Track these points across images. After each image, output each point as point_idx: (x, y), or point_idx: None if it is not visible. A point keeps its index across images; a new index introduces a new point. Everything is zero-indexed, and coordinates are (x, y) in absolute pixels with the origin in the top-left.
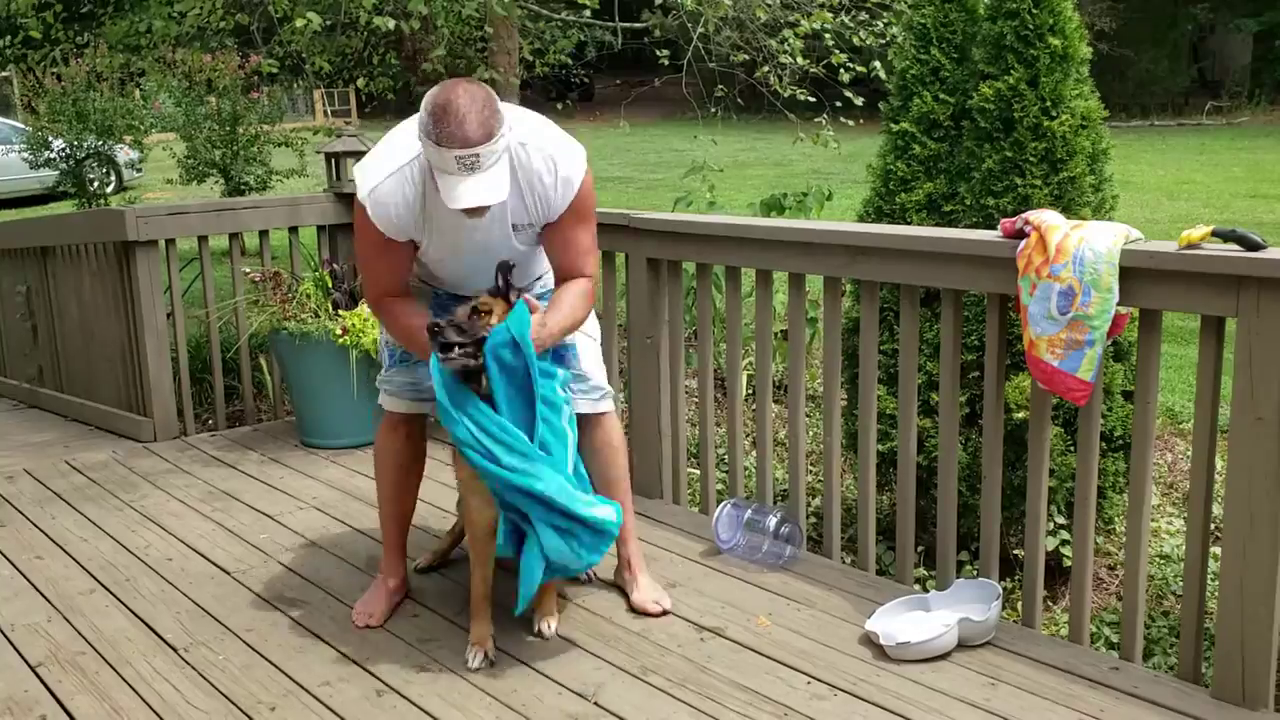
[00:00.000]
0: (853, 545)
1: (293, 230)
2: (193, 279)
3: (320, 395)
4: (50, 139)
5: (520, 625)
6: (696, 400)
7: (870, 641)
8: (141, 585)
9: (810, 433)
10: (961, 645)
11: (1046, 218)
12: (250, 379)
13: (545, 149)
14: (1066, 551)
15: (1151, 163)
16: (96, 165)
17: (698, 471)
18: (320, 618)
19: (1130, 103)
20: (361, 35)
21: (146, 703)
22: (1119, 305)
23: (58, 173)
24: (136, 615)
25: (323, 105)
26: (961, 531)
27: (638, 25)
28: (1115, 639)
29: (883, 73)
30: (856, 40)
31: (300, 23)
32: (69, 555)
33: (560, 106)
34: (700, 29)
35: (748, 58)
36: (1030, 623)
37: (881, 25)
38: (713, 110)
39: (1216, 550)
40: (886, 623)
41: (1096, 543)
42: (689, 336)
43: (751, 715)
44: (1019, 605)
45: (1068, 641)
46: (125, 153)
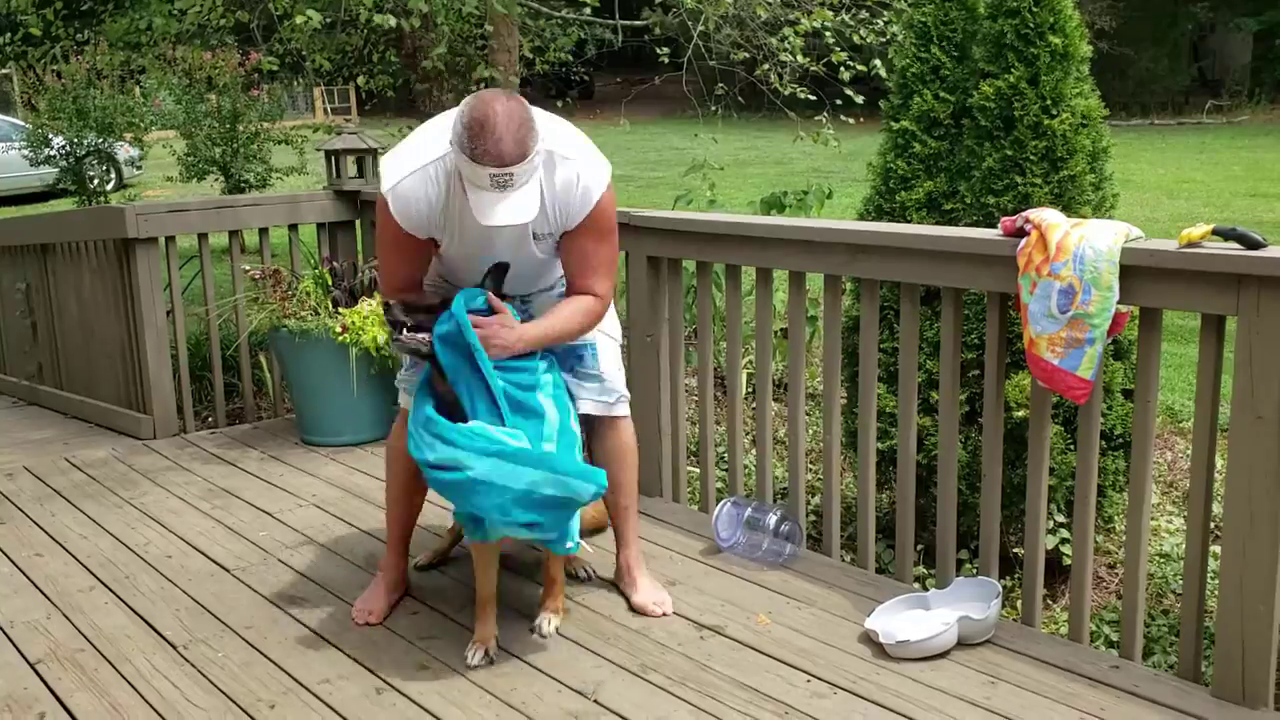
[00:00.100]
0: (852, 543)
1: (292, 228)
2: (193, 276)
3: (320, 393)
4: (50, 136)
5: (520, 623)
6: (696, 398)
7: (870, 640)
8: (141, 582)
9: (810, 431)
10: (961, 644)
11: (1047, 216)
12: (250, 376)
13: (571, 159)
14: (1066, 550)
15: (1151, 161)
16: (97, 163)
17: (697, 470)
18: (320, 615)
19: (1130, 101)
20: (361, 33)
21: (146, 700)
22: (1119, 303)
23: (58, 170)
24: (136, 612)
25: (323, 103)
26: (961, 530)
27: (638, 23)
28: (1115, 637)
29: (883, 71)
30: (857, 38)
31: (300, 20)
32: (68, 552)
33: (560, 104)
34: (701, 27)
35: (748, 56)
36: (1030, 621)
37: (882, 23)
38: (713, 108)
39: (1216, 549)
40: (886, 621)
41: (1096, 541)
42: (689, 335)
43: (751, 713)
44: (1019, 604)
45: (1067, 640)
46: (125, 150)
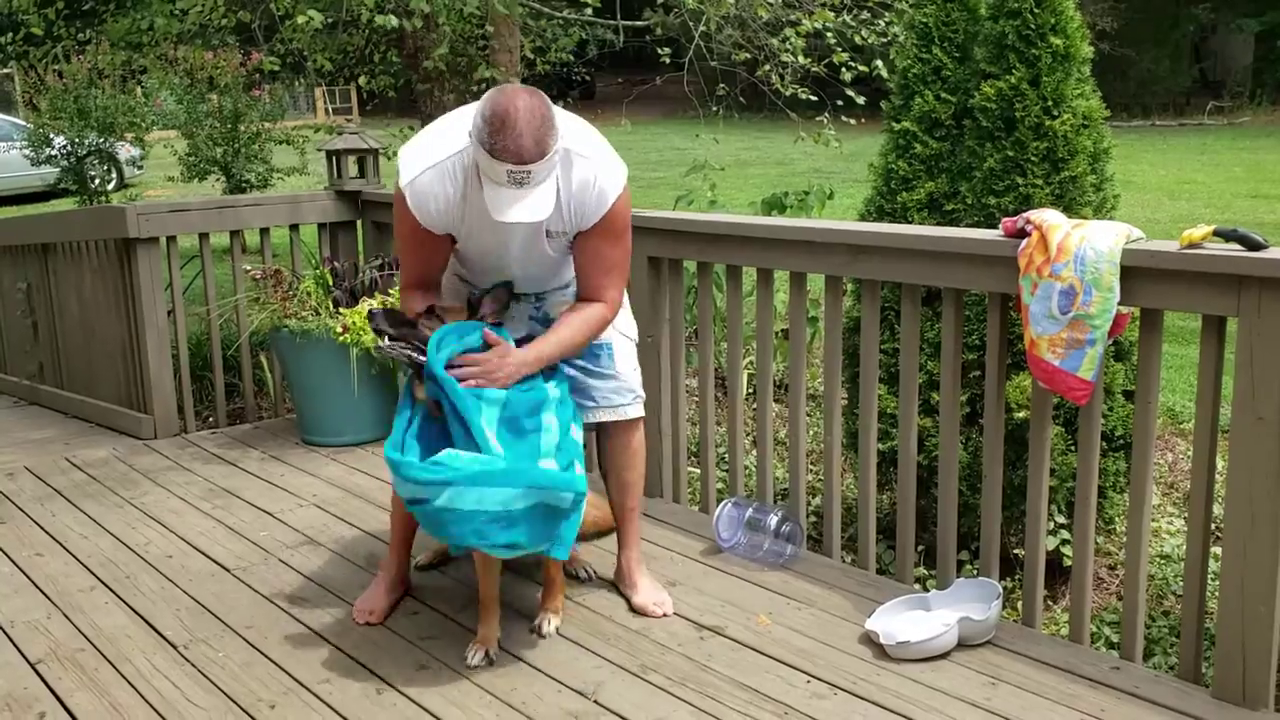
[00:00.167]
0: (853, 544)
1: (294, 228)
2: (194, 276)
3: (321, 393)
4: (52, 136)
5: (520, 623)
6: (697, 399)
7: (870, 640)
8: (141, 582)
9: (811, 432)
10: (961, 644)
11: (1048, 217)
12: (251, 376)
13: (587, 158)
14: (1067, 551)
15: (1153, 163)
16: (98, 162)
17: (698, 470)
18: (320, 615)
19: (1132, 103)
20: (363, 33)
21: (146, 700)
22: (1120, 305)
23: (59, 170)
24: (136, 612)
25: (324, 103)
26: (962, 531)
27: (639, 23)
28: (1116, 639)
29: (884, 72)
30: (858, 39)
31: (302, 20)
32: (69, 552)
33: (562, 105)
34: (702, 27)
35: (749, 56)
36: (1030, 622)
37: (883, 24)
38: (714, 109)
39: (1217, 550)
40: (886, 622)
41: (1097, 542)
42: (690, 335)
43: (751, 714)
44: (1019, 605)
45: (1068, 641)
46: (127, 150)
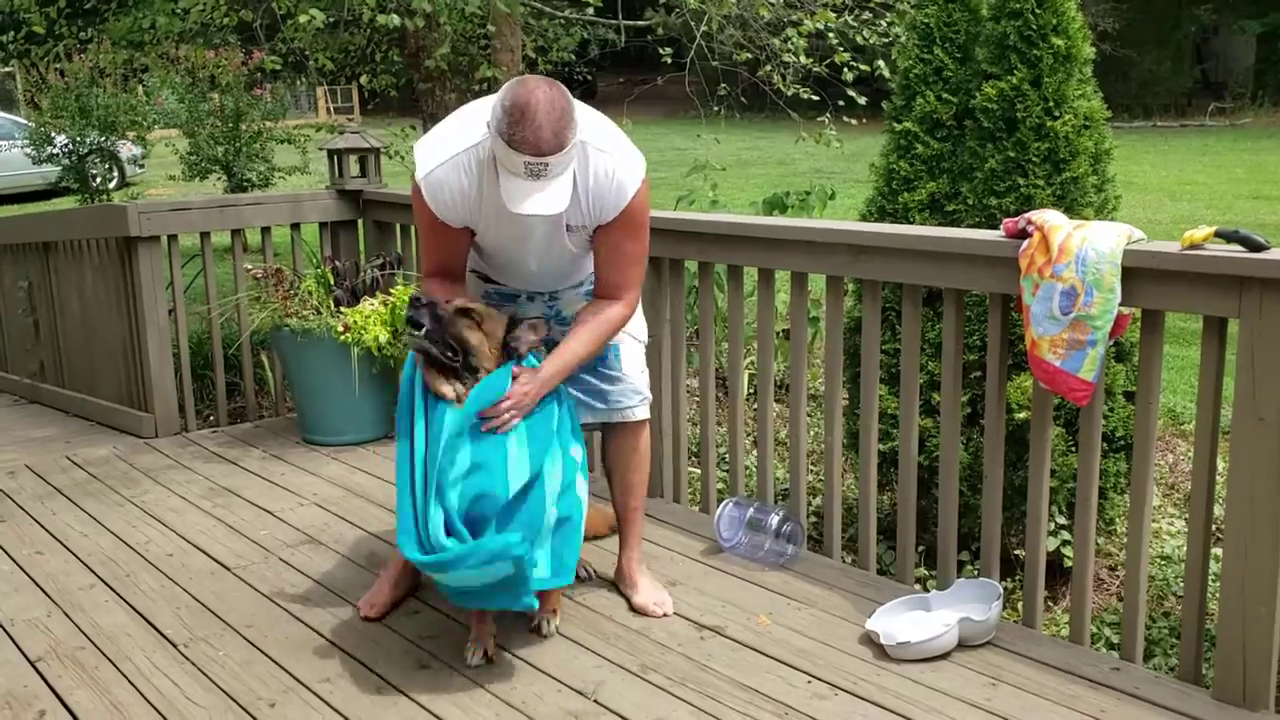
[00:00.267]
0: (853, 544)
1: (295, 227)
2: (195, 275)
3: (322, 392)
4: (53, 134)
5: (520, 623)
6: (698, 399)
7: (871, 641)
8: (142, 581)
9: (811, 432)
10: (962, 645)
11: (1049, 218)
12: (252, 375)
13: (606, 151)
14: (1067, 552)
15: (1154, 164)
16: (99, 161)
17: (699, 470)
18: (321, 614)
19: (1133, 104)
20: (364, 32)
21: (146, 698)
22: (1121, 305)
23: (60, 168)
24: (136, 611)
25: (325, 102)
26: (962, 531)
27: (641, 23)
28: (1116, 640)
29: (886, 72)
30: (860, 39)
31: (303, 19)
32: (69, 550)
33: None
34: (703, 27)
35: (751, 56)
36: (1031, 623)
37: (885, 24)
38: (716, 109)
39: (1218, 551)
40: (887, 622)
41: (1097, 543)
42: (691, 335)
43: (752, 714)
44: (1020, 605)
45: (1068, 642)
46: (128, 149)
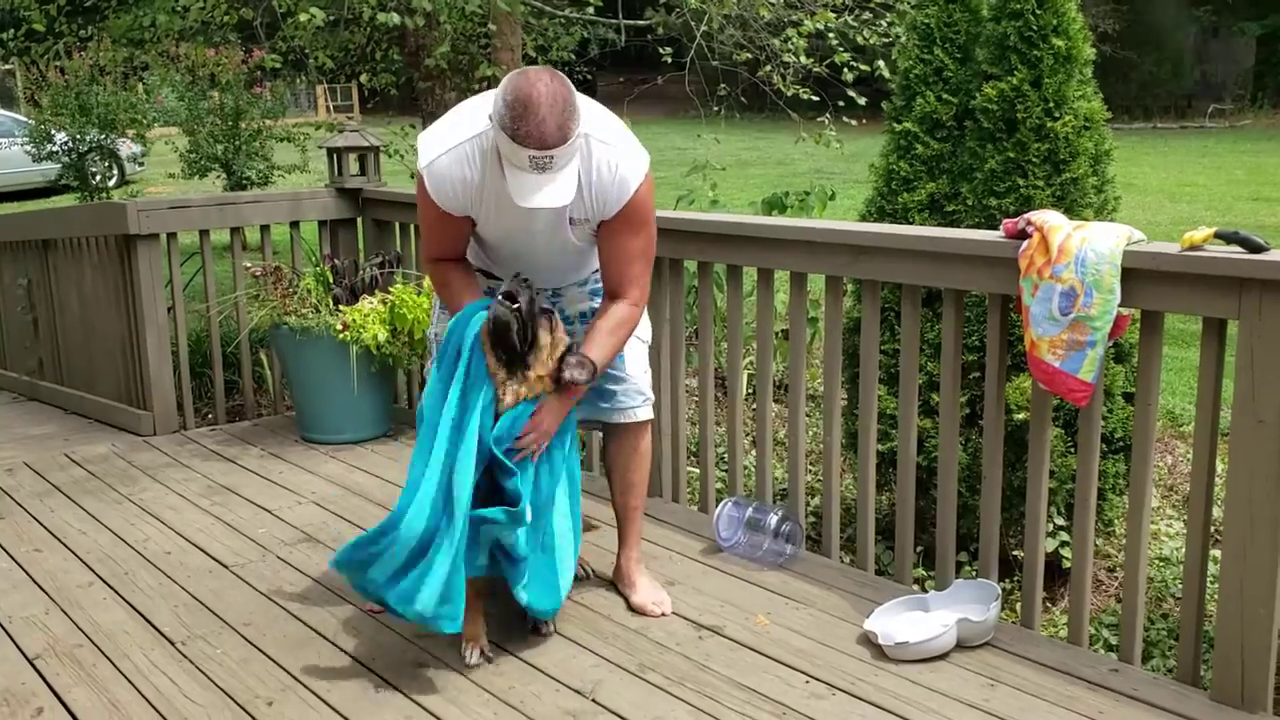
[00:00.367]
0: (852, 545)
1: (294, 225)
2: (194, 273)
3: (320, 390)
4: (53, 132)
5: (518, 622)
6: (697, 399)
7: (869, 641)
8: (140, 579)
9: (810, 432)
10: (960, 646)
11: (1049, 218)
12: (250, 373)
13: (609, 144)
14: (1066, 553)
15: (1154, 165)
16: (99, 159)
17: (697, 470)
18: (318, 612)
19: (1133, 105)
20: (365, 31)
21: (144, 696)
22: (1121, 306)
23: (60, 166)
24: (134, 608)
25: (325, 100)
26: (961, 532)
27: (641, 23)
28: (1114, 641)
29: (886, 72)
30: (860, 39)
31: (303, 17)
32: (68, 548)
33: None
34: (704, 27)
35: (751, 56)
36: (1029, 624)
37: (885, 25)
38: (716, 109)
39: (1216, 553)
40: (885, 622)
41: (1096, 544)
42: (690, 335)
43: (750, 714)
44: (1018, 606)
45: (1067, 643)
46: (128, 146)
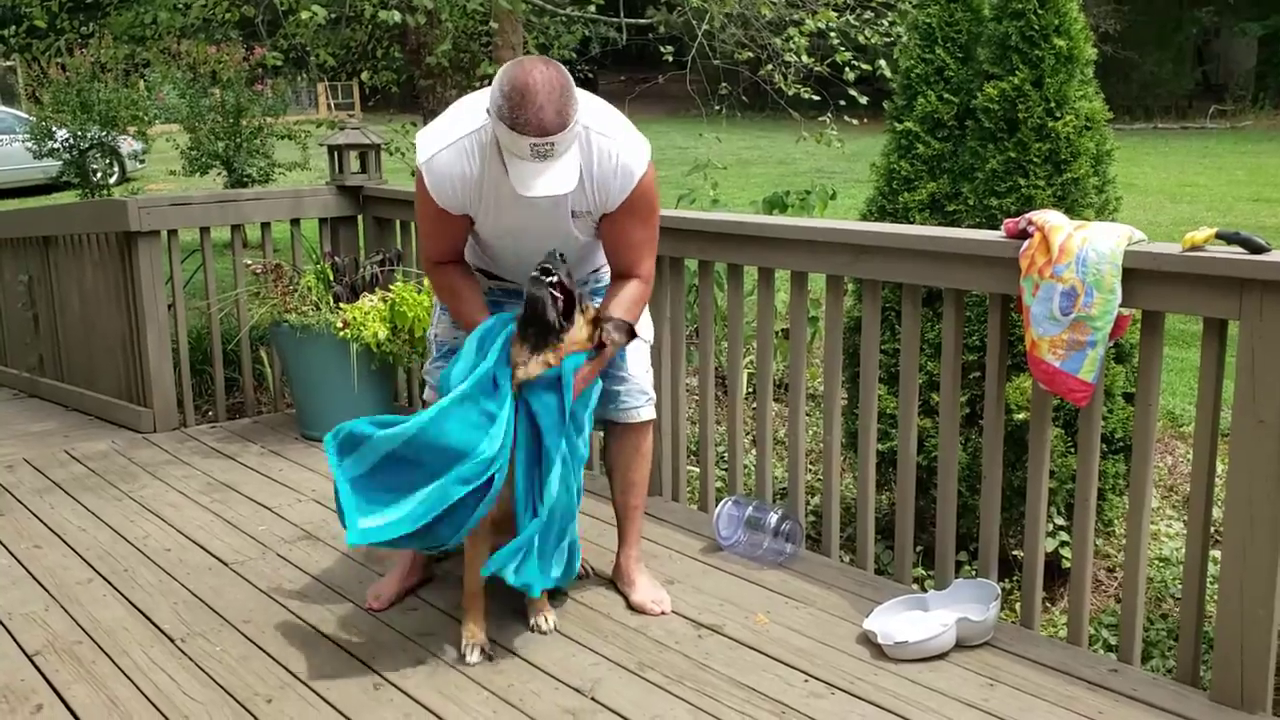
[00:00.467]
0: (851, 544)
1: (295, 223)
2: (194, 270)
3: (321, 388)
4: (54, 129)
5: (518, 620)
6: (697, 398)
7: (868, 640)
8: (139, 575)
9: (810, 431)
10: (959, 645)
11: (1050, 218)
12: (251, 371)
13: (610, 136)
14: (1066, 553)
15: (1155, 165)
16: (100, 156)
17: (697, 469)
18: (318, 610)
19: (1134, 105)
20: (366, 29)
21: (143, 692)
22: (1121, 307)
23: (61, 163)
24: (134, 605)
25: (326, 98)
26: (960, 532)
27: (642, 21)
28: (1114, 641)
29: (888, 72)
30: (861, 39)
31: (305, 15)
32: (67, 545)
33: None
34: (705, 26)
35: (752, 55)
36: (1029, 624)
37: (886, 24)
38: (717, 108)
39: (1216, 554)
40: (884, 622)
41: (1096, 545)
42: (690, 334)
43: (749, 712)
44: (1018, 606)
45: (1066, 643)
46: (129, 144)
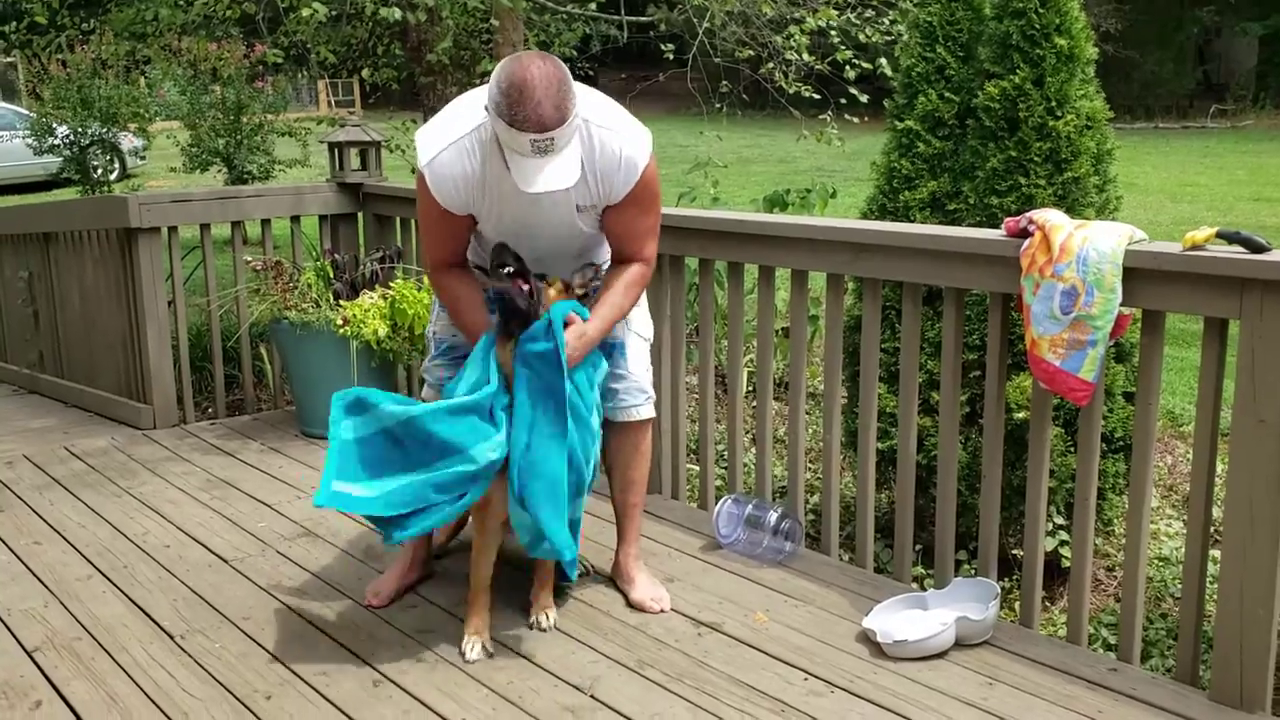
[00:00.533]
0: (851, 543)
1: (295, 220)
2: (194, 267)
3: (320, 385)
4: (55, 125)
5: (518, 617)
6: (697, 396)
7: (867, 639)
8: (139, 572)
9: (810, 430)
10: (959, 644)
11: (1051, 217)
12: (250, 368)
13: (610, 129)
14: (1065, 552)
15: (1155, 165)
16: (100, 152)
17: (697, 467)
18: (317, 607)
19: (1135, 104)
20: (367, 26)
21: (142, 689)
22: (1122, 306)
23: (62, 159)
24: (133, 602)
25: (327, 95)
26: (960, 530)
27: (643, 19)
28: (1113, 640)
29: (888, 70)
30: (862, 37)
31: (306, 13)
32: (67, 541)
33: None
34: (706, 24)
35: (753, 53)
36: (1028, 623)
37: (887, 23)
38: (717, 106)
39: (1216, 553)
40: (884, 620)
41: (1096, 544)
42: (690, 332)
43: (748, 711)
44: (1017, 605)
45: (1066, 642)
46: (129, 140)
